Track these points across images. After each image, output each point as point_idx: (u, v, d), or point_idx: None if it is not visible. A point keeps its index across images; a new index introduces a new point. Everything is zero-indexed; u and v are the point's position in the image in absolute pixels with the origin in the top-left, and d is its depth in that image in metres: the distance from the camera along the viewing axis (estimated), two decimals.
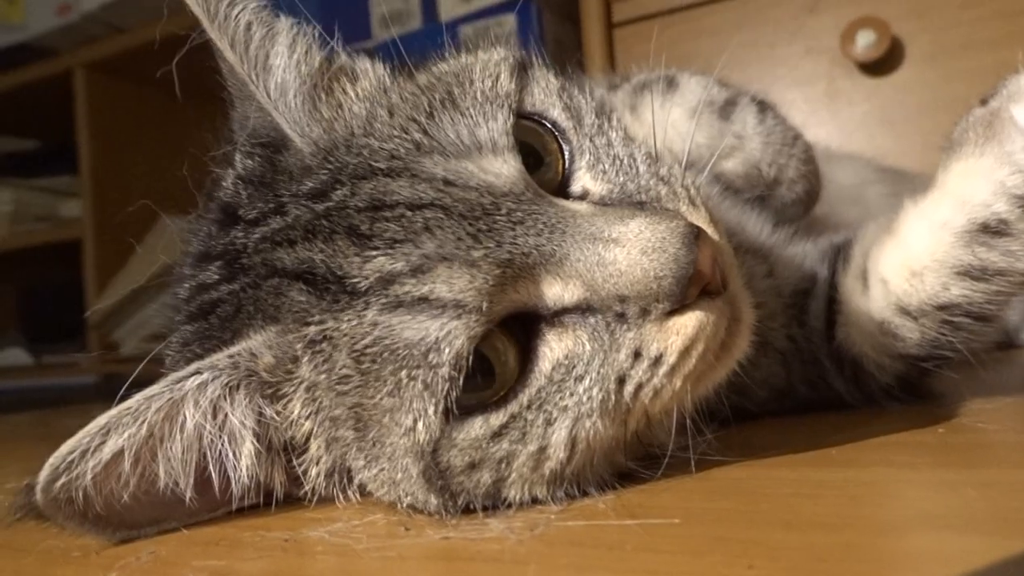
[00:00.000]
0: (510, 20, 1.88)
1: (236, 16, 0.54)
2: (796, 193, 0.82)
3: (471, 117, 0.50)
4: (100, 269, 2.49)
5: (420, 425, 0.46)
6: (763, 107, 0.82)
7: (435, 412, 0.46)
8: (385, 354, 0.46)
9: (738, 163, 0.80)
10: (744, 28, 1.71)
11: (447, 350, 0.45)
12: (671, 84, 0.84)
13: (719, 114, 0.81)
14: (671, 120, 0.81)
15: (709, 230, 0.49)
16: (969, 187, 0.60)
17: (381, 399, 0.47)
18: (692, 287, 0.46)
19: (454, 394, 0.46)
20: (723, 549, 0.37)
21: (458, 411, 0.47)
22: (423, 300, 0.45)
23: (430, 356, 0.45)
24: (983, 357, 0.69)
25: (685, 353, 0.47)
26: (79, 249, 2.53)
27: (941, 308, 0.62)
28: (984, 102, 0.63)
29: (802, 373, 0.74)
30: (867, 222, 0.76)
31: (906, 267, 0.63)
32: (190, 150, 0.57)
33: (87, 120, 2.57)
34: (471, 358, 0.46)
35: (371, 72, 0.57)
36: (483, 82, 0.52)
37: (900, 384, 0.70)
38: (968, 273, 0.60)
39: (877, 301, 0.66)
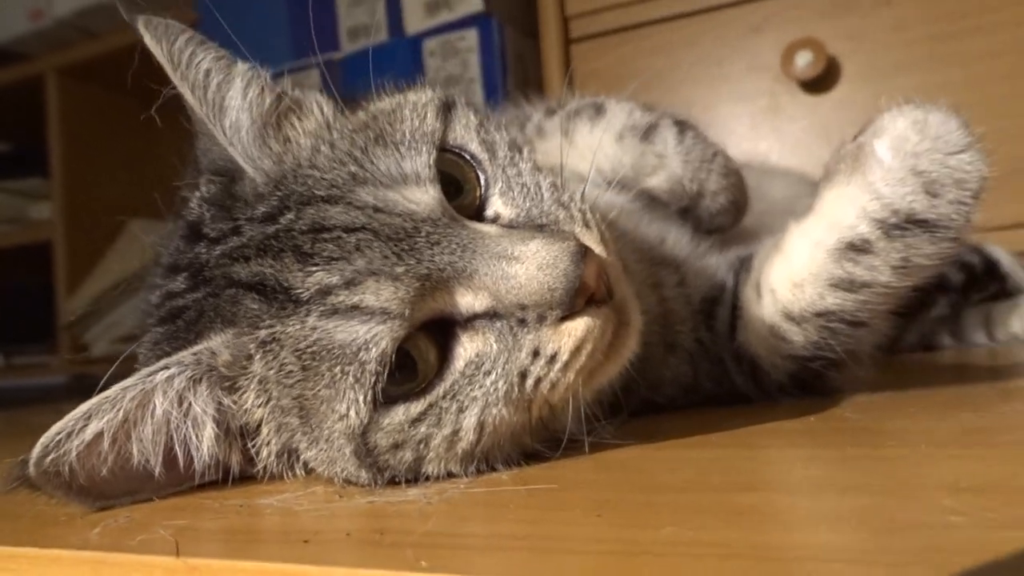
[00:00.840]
0: (472, 35, 1.93)
1: (197, 64, 0.60)
2: (720, 204, 0.89)
3: (399, 152, 0.58)
4: (70, 271, 2.52)
5: (352, 412, 0.54)
6: (683, 127, 0.89)
7: (364, 401, 0.53)
8: (323, 353, 0.53)
9: (662, 180, 0.87)
10: (694, 46, 1.79)
11: (374, 349, 0.53)
12: (599, 111, 0.91)
13: (641, 137, 0.87)
14: (599, 144, 0.88)
15: (598, 249, 0.57)
16: (839, 211, 0.67)
17: (320, 390, 0.54)
18: (579, 297, 0.54)
19: (380, 385, 0.53)
20: (583, 505, 0.46)
21: (384, 400, 0.54)
22: (355, 308, 0.53)
23: (360, 354, 0.53)
24: (864, 360, 0.77)
25: (576, 351, 0.55)
26: (49, 251, 2.55)
27: (819, 315, 0.69)
28: (855, 138, 0.70)
29: (708, 371, 0.81)
30: (766, 238, 0.83)
31: (789, 279, 0.70)
32: (159, 158, 0.61)
33: (58, 124, 2.60)
34: (395, 356, 0.53)
35: (316, 109, 0.64)
36: (412, 121, 0.60)
37: (792, 381, 0.77)
38: (839, 285, 0.67)
39: (768, 308, 0.73)
